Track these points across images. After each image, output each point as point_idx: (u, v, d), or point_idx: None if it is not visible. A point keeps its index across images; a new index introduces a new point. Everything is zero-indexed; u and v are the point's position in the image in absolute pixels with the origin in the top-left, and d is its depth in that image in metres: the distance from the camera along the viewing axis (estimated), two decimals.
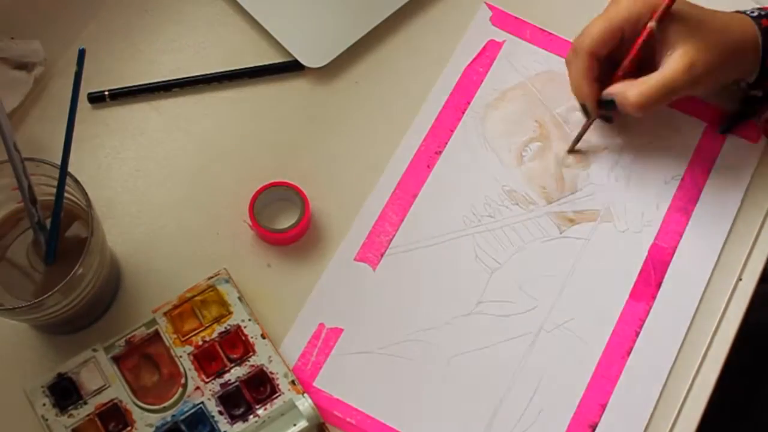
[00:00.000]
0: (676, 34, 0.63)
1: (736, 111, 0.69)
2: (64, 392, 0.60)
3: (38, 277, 0.59)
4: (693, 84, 0.63)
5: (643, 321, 0.64)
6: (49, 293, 0.54)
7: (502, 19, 0.73)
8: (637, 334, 0.64)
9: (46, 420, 0.59)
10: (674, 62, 0.62)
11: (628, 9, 0.64)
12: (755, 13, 0.65)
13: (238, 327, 0.62)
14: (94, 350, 0.61)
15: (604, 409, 0.62)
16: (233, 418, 0.60)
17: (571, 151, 0.69)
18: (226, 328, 0.62)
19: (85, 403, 0.60)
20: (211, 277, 0.63)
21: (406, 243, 0.66)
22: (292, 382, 0.61)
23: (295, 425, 0.60)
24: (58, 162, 0.55)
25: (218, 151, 0.69)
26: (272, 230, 0.65)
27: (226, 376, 0.61)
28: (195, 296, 0.63)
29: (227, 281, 0.63)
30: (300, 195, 0.65)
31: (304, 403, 0.60)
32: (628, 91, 0.63)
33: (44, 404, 0.59)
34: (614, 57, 0.65)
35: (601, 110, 0.66)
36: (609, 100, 0.65)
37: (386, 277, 0.65)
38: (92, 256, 0.56)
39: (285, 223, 0.66)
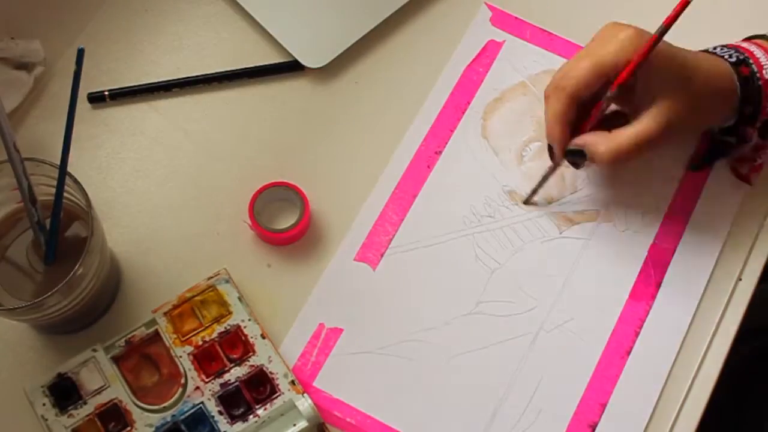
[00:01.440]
0: (656, 84, 0.60)
1: (707, 151, 0.67)
2: (64, 392, 0.60)
3: (38, 277, 0.59)
4: (667, 140, 0.60)
5: (643, 321, 0.64)
6: (49, 293, 0.54)
7: (502, 19, 0.73)
8: (637, 334, 0.64)
9: (46, 420, 0.59)
10: (651, 119, 0.60)
11: (616, 54, 0.59)
12: (733, 59, 0.62)
13: (238, 327, 0.62)
14: (94, 350, 0.61)
15: (604, 409, 0.62)
16: (233, 418, 0.60)
17: (527, 202, 0.67)
18: (226, 328, 0.62)
19: (85, 403, 0.60)
20: (211, 277, 0.63)
21: (406, 243, 0.66)
22: (292, 382, 0.61)
23: (295, 425, 0.60)
24: (58, 162, 0.55)
25: (218, 151, 0.69)
26: (272, 230, 0.65)
27: (226, 376, 0.61)
28: (195, 296, 0.63)
29: (227, 281, 0.63)
30: (300, 195, 0.65)
31: (304, 403, 0.60)
32: (599, 145, 0.60)
33: (44, 404, 0.59)
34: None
35: (569, 158, 0.63)
36: (578, 150, 0.62)
37: (386, 277, 0.65)
38: (92, 256, 0.56)
39: (285, 223, 0.66)
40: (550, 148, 0.64)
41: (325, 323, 0.64)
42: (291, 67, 0.71)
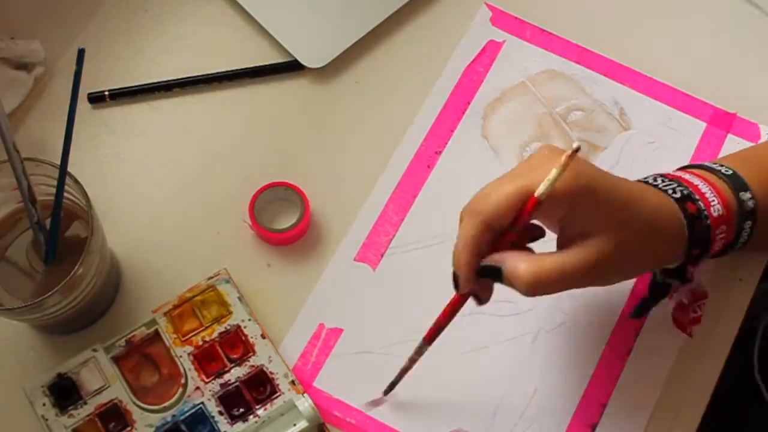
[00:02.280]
0: (591, 219, 0.51)
1: (648, 294, 0.62)
2: (64, 392, 0.60)
3: (38, 277, 0.59)
4: (598, 280, 0.52)
5: (643, 321, 0.64)
6: (49, 293, 0.54)
7: (502, 20, 0.73)
8: (637, 334, 0.64)
9: (46, 420, 0.59)
10: (580, 252, 0.51)
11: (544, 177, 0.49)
12: (678, 194, 0.55)
13: (238, 327, 0.62)
14: (94, 350, 0.61)
15: (604, 409, 0.62)
16: (233, 418, 0.60)
17: (386, 393, 0.61)
18: (226, 328, 0.62)
19: (85, 403, 0.60)
20: (211, 277, 0.63)
21: (406, 243, 0.66)
22: (292, 382, 0.61)
23: (295, 425, 0.60)
24: (58, 162, 0.55)
25: (218, 151, 0.69)
26: (272, 230, 0.65)
27: (226, 376, 0.61)
28: (195, 296, 0.63)
29: (227, 281, 0.63)
30: (300, 195, 0.65)
31: (304, 403, 0.60)
32: (520, 265, 0.50)
33: (44, 404, 0.59)
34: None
35: (481, 278, 0.53)
36: (495, 269, 0.51)
37: (386, 277, 0.65)
38: (92, 256, 0.56)
39: (285, 223, 0.66)
40: (455, 277, 0.53)
41: (325, 323, 0.64)
42: (291, 67, 0.71)
